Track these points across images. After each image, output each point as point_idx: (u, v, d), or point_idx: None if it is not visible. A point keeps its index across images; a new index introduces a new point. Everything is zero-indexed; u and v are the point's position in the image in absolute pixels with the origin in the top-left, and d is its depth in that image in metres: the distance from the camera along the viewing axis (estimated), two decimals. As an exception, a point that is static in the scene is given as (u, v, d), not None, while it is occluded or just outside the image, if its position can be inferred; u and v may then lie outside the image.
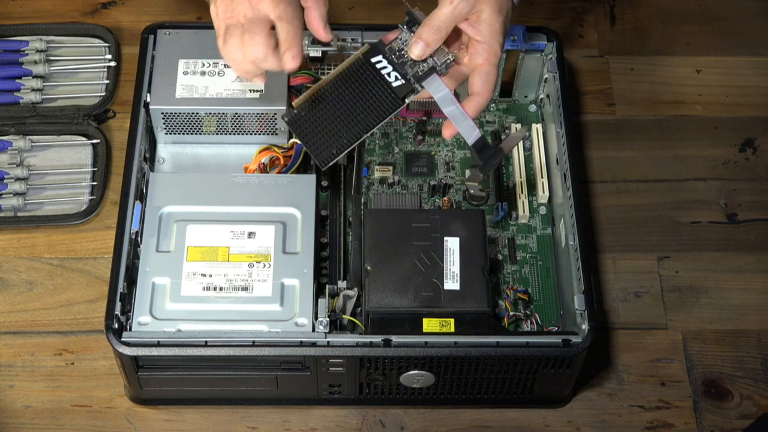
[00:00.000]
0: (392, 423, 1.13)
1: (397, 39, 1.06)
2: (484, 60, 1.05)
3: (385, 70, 1.05)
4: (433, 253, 1.10)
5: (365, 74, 1.05)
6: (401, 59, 1.05)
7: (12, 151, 1.26)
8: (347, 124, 1.05)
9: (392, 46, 1.06)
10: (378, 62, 1.05)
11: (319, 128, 1.05)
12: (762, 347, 1.18)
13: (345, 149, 1.06)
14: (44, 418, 1.13)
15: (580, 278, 1.09)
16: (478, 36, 1.04)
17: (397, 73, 1.05)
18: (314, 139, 1.06)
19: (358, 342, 1.05)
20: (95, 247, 1.23)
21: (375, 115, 1.05)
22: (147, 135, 1.20)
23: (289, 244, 1.11)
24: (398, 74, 1.05)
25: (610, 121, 1.34)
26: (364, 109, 1.05)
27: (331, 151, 1.06)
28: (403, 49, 1.05)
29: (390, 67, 1.05)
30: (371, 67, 1.05)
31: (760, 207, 1.28)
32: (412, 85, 1.05)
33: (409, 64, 1.05)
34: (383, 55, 1.05)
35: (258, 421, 1.13)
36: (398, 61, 1.05)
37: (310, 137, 1.06)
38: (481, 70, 1.05)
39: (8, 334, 1.17)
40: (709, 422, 1.14)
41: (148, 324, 1.06)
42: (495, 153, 1.06)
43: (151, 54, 1.22)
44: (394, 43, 1.06)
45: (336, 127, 1.05)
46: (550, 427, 1.14)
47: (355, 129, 1.05)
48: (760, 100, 1.36)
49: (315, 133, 1.06)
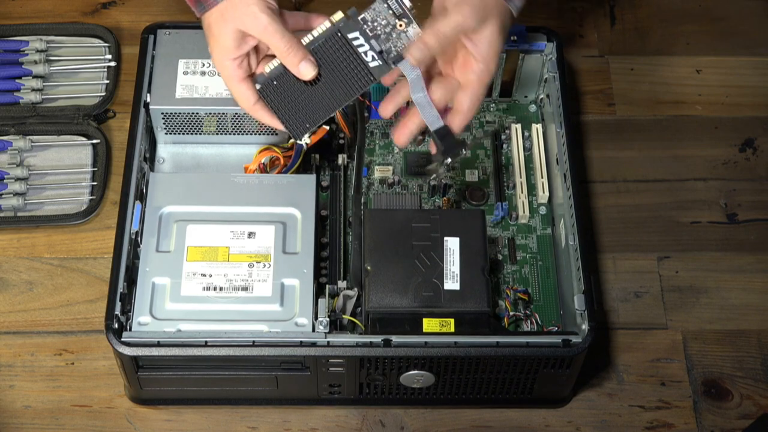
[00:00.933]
0: (392, 423, 1.13)
1: (372, 9, 1.05)
2: (476, 79, 1.04)
3: (362, 48, 1.04)
4: (433, 253, 1.10)
5: (341, 49, 1.05)
6: (374, 32, 1.05)
7: (12, 151, 1.26)
8: (321, 97, 1.05)
9: (365, 17, 1.04)
10: (354, 39, 1.04)
11: (291, 99, 1.06)
12: (762, 347, 1.18)
13: (318, 122, 1.06)
14: (44, 418, 1.13)
15: (580, 278, 1.09)
16: (477, 54, 1.03)
17: (374, 51, 1.05)
18: (286, 110, 1.06)
19: (358, 342, 1.05)
20: (95, 247, 1.23)
21: (349, 90, 1.05)
22: (147, 135, 1.20)
23: (289, 244, 1.11)
24: (374, 53, 1.04)
25: (610, 121, 1.34)
26: (338, 83, 1.05)
27: (305, 124, 1.06)
28: (376, 21, 1.04)
29: (366, 45, 1.05)
30: (347, 43, 1.05)
31: (760, 207, 1.28)
32: (389, 66, 1.04)
33: (383, 39, 1.04)
34: (359, 31, 1.05)
35: (258, 421, 1.13)
36: (371, 33, 1.05)
37: (283, 108, 1.06)
38: (472, 89, 1.04)
39: (8, 334, 1.17)
40: (709, 422, 1.14)
41: (148, 324, 1.06)
42: (457, 144, 1.06)
43: (151, 54, 1.22)
44: (366, 13, 1.05)
45: (308, 99, 1.05)
46: (550, 427, 1.14)
47: (328, 101, 1.06)
48: (760, 100, 1.36)
49: (287, 104, 1.06)
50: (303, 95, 1.06)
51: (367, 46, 1.04)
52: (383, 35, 1.04)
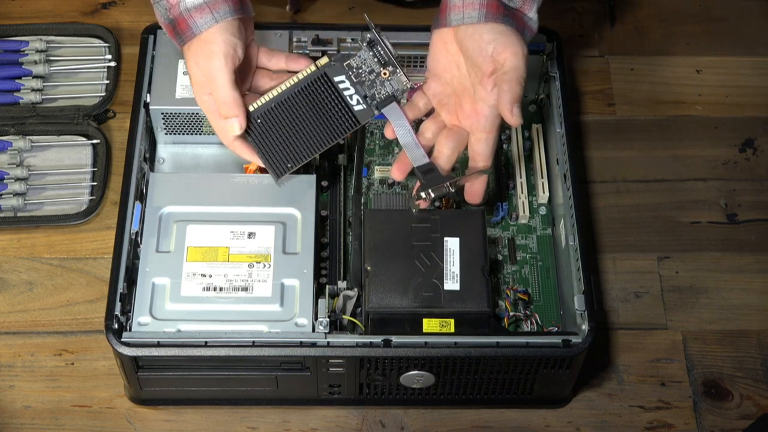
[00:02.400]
0: (392, 423, 1.13)
1: (357, 56, 1.07)
2: (490, 130, 1.07)
3: (347, 92, 1.08)
4: (433, 253, 1.10)
5: (326, 92, 1.08)
6: (359, 78, 1.07)
7: (12, 151, 1.26)
8: (304, 138, 1.08)
9: (350, 63, 1.07)
10: (340, 82, 1.07)
11: (274, 139, 1.08)
12: (762, 347, 1.18)
13: (299, 163, 1.09)
14: (44, 419, 1.13)
15: (580, 278, 1.09)
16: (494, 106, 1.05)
17: (359, 96, 1.07)
18: (269, 148, 1.09)
19: (358, 342, 1.05)
20: (95, 247, 1.23)
21: (332, 132, 1.08)
22: (147, 135, 1.20)
23: (289, 245, 1.11)
24: (359, 97, 1.07)
25: (610, 121, 1.34)
26: (322, 125, 1.08)
27: (285, 165, 1.09)
28: (361, 68, 1.07)
29: (352, 89, 1.07)
30: (333, 86, 1.07)
31: (760, 207, 1.28)
32: (372, 111, 1.07)
33: (368, 85, 1.07)
34: (345, 75, 1.07)
35: (258, 421, 1.13)
36: (356, 80, 1.07)
37: (265, 146, 1.09)
38: (488, 138, 1.07)
39: (8, 334, 1.17)
40: (709, 422, 1.14)
41: (148, 324, 1.06)
42: (441, 178, 1.08)
43: (151, 54, 1.22)
44: (352, 60, 1.07)
45: (292, 139, 1.08)
46: (550, 427, 1.14)
47: (311, 144, 1.08)
48: (760, 100, 1.36)
49: (270, 143, 1.09)
50: (287, 135, 1.08)
51: (352, 90, 1.07)
52: (368, 82, 1.06)
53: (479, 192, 1.11)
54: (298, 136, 1.08)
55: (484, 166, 1.09)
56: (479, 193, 1.11)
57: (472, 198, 1.11)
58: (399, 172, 1.11)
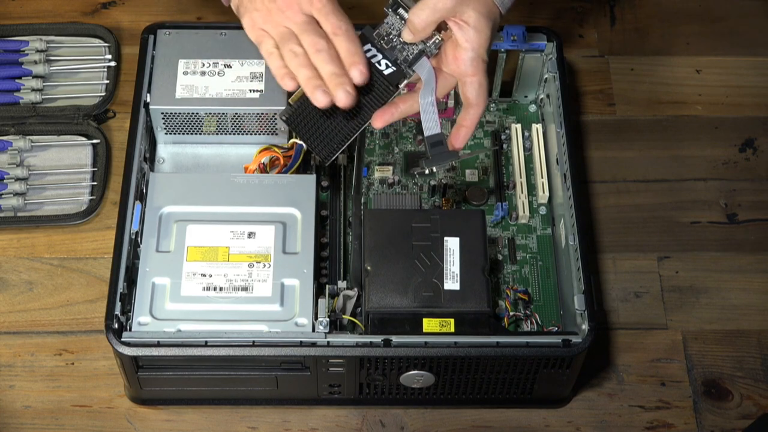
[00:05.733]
0: (392, 423, 1.13)
1: (384, 23, 1.05)
2: (474, 71, 1.04)
3: (375, 59, 1.05)
4: (433, 253, 1.10)
5: None
6: (390, 44, 1.05)
7: (12, 151, 1.26)
8: (344, 116, 1.05)
9: (379, 32, 1.05)
10: (367, 51, 1.05)
11: (317, 124, 1.05)
12: (762, 347, 1.18)
13: (345, 142, 1.06)
14: (44, 418, 1.13)
15: (580, 278, 1.09)
16: (467, 43, 1.03)
17: (387, 60, 1.05)
18: (314, 135, 1.06)
19: (358, 342, 1.05)
20: (95, 247, 1.23)
21: (371, 104, 1.05)
22: (147, 135, 1.20)
23: (289, 244, 1.11)
24: (388, 61, 1.05)
25: (610, 121, 1.34)
26: (359, 99, 1.05)
27: (333, 146, 1.06)
28: (390, 34, 1.05)
29: (380, 55, 1.05)
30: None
31: (760, 207, 1.28)
32: (404, 71, 1.04)
33: (398, 49, 1.05)
34: (372, 43, 1.05)
35: (258, 421, 1.13)
36: (387, 46, 1.05)
37: (310, 134, 1.06)
38: (473, 81, 1.04)
39: (8, 334, 1.17)
40: (709, 422, 1.14)
41: (148, 324, 1.06)
42: (447, 154, 1.06)
43: (151, 54, 1.22)
44: (380, 28, 1.05)
45: (334, 121, 1.05)
46: (550, 427, 1.14)
47: (353, 121, 1.05)
48: (760, 100, 1.36)
49: (314, 129, 1.06)
50: (329, 118, 1.05)
51: (379, 56, 1.05)
52: (399, 45, 1.05)
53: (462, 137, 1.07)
54: (339, 117, 1.06)
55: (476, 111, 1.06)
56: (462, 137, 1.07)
57: (454, 140, 1.07)
58: (380, 120, 1.06)
